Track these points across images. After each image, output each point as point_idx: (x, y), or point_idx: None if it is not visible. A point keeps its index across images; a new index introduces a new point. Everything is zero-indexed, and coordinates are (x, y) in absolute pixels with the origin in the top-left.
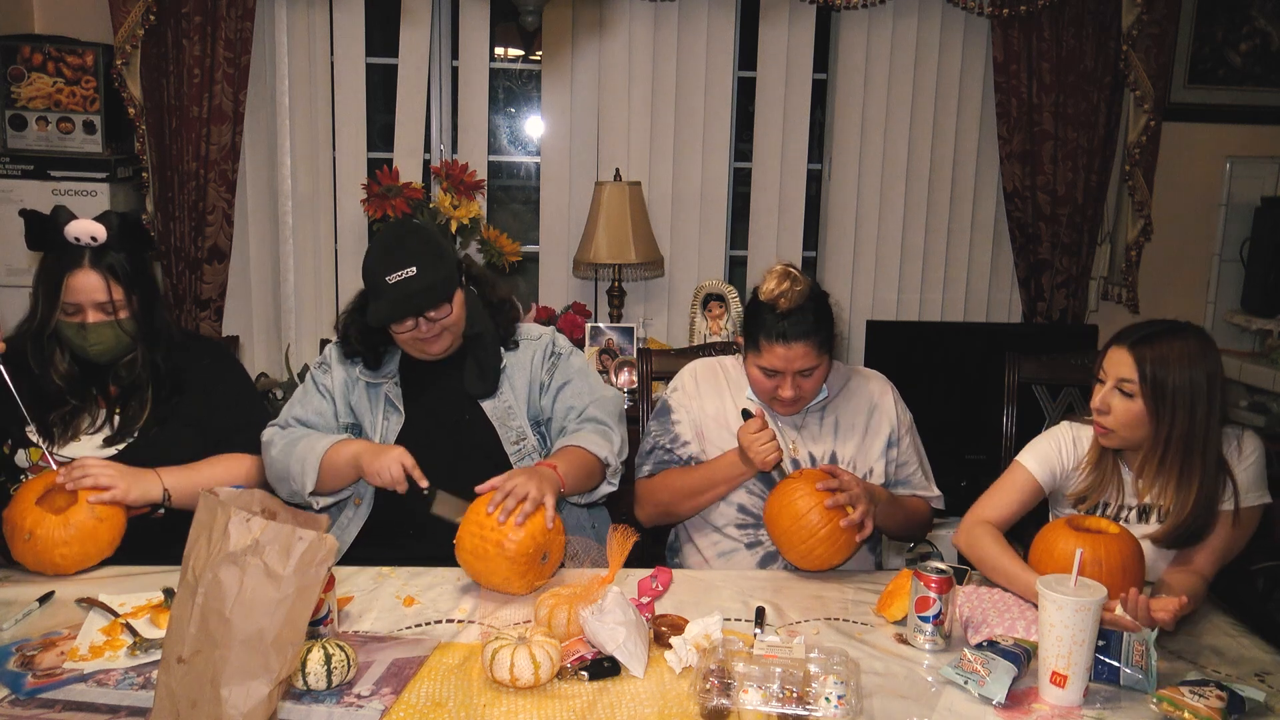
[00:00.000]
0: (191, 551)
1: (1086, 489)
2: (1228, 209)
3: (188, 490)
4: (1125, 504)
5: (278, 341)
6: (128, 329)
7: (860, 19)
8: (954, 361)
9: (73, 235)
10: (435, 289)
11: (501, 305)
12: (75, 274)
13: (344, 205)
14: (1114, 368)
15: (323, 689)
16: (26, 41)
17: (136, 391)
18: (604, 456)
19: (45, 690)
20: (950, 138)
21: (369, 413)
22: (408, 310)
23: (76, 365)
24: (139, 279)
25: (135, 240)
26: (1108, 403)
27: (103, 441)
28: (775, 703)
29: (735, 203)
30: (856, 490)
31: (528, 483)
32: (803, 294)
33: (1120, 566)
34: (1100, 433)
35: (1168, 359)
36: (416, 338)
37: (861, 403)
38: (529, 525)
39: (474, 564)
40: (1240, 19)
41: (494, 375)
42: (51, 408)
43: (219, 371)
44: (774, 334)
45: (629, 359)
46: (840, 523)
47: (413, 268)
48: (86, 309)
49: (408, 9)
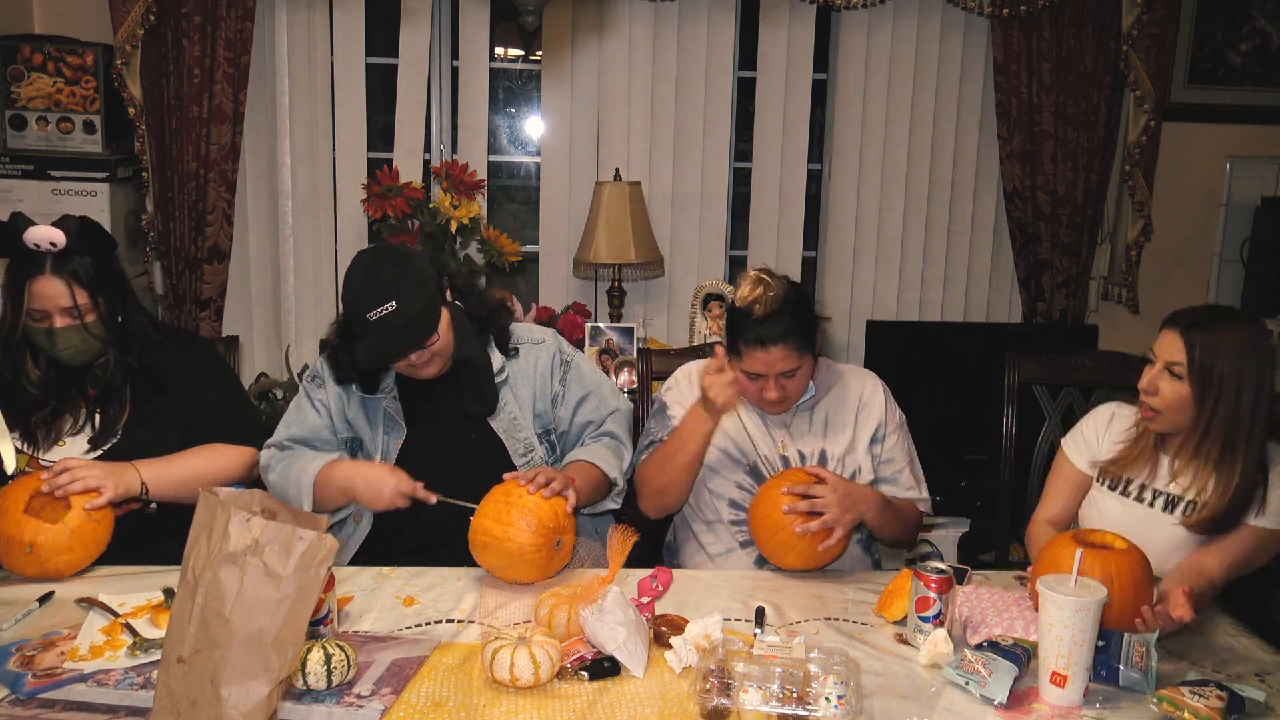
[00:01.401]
0: (191, 551)
1: (1114, 462)
2: (1228, 209)
3: (167, 481)
4: (1155, 488)
5: (278, 341)
6: (95, 333)
7: (860, 19)
8: (954, 361)
9: (31, 242)
10: (420, 322)
11: (492, 316)
12: (38, 280)
13: (344, 205)
14: (1164, 350)
15: (323, 689)
16: (26, 41)
17: (114, 392)
18: (614, 477)
19: (45, 690)
20: (950, 138)
21: (367, 428)
22: (394, 349)
23: (53, 369)
24: (104, 282)
25: (97, 243)
26: (1155, 384)
27: (87, 442)
28: (775, 703)
29: (735, 203)
30: (829, 499)
31: (555, 471)
32: (777, 298)
33: (1131, 582)
34: (1146, 415)
35: (1218, 345)
36: (409, 364)
37: (851, 401)
38: (554, 501)
39: (494, 530)
40: (1240, 19)
41: (491, 394)
42: (31, 411)
43: (199, 366)
44: (752, 339)
45: (629, 359)
46: (795, 528)
47: (392, 302)
48: (53, 314)
49: (408, 9)
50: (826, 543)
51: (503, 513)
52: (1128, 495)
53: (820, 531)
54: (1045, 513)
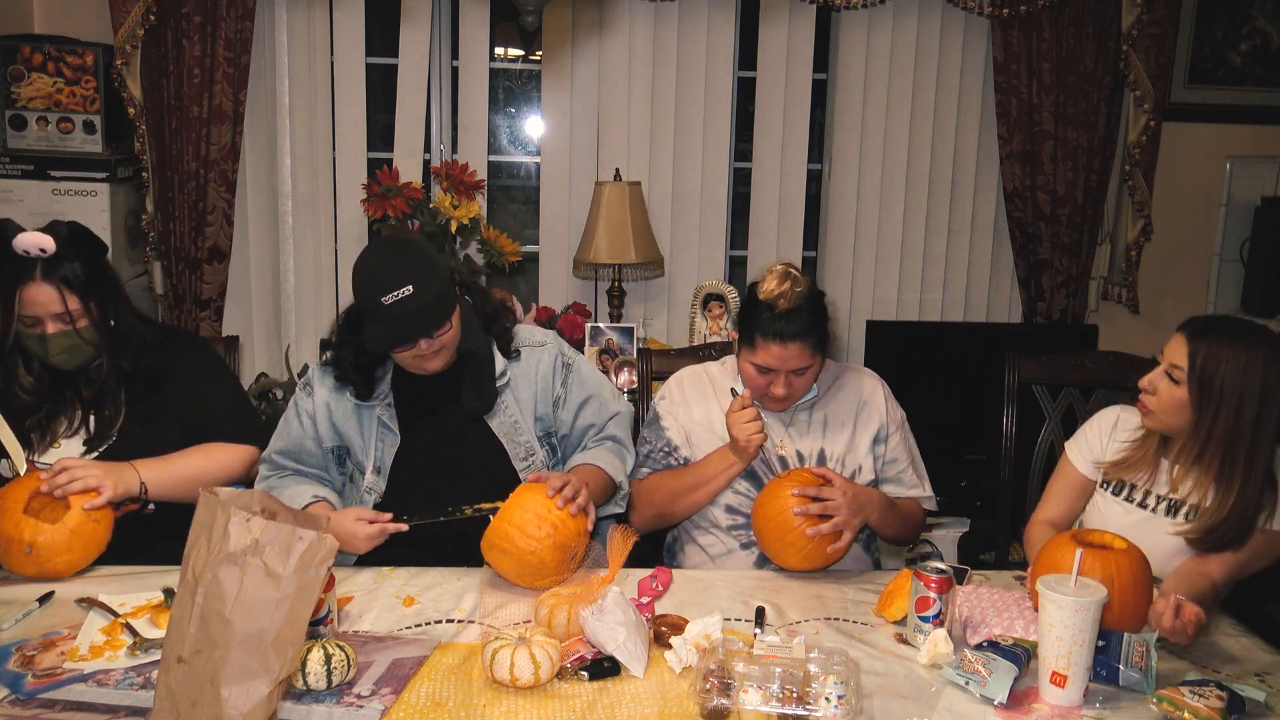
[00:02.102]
0: (191, 551)
1: (1117, 465)
2: (1228, 209)
3: (166, 481)
4: (1156, 493)
5: (278, 341)
6: (87, 337)
7: (860, 19)
8: (954, 361)
9: (21, 248)
10: (434, 309)
11: (495, 315)
12: (28, 287)
13: (344, 205)
14: (1170, 352)
15: (323, 689)
16: (26, 41)
17: (109, 395)
18: (620, 481)
19: (45, 690)
20: (950, 138)
21: (358, 436)
22: (407, 334)
23: (47, 372)
24: (96, 286)
25: (87, 248)
26: (1155, 384)
27: (83, 444)
28: (775, 703)
29: (735, 203)
30: (839, 501)
31: (580, 481)
32: (801, 294)
33: (1132, 583)
34: (1142, 409)
35: (1221, 356)
36: (416, 355)
37: (851, 400)
38: (580, 518)
39: (516, 539)
40: (1240, 19)
41: (491, 392)
42: (26, 416)
43: (196, 365)
44: (770, 333)
45: (629, 359)
46: (807, 530)
47: (408, 286)
48: (44, 320)
49: (408, 9)
50: (835, 545)
51: (530, 524)
52: (1131, 501)
53: (830, 533)
54: (1045, 514)
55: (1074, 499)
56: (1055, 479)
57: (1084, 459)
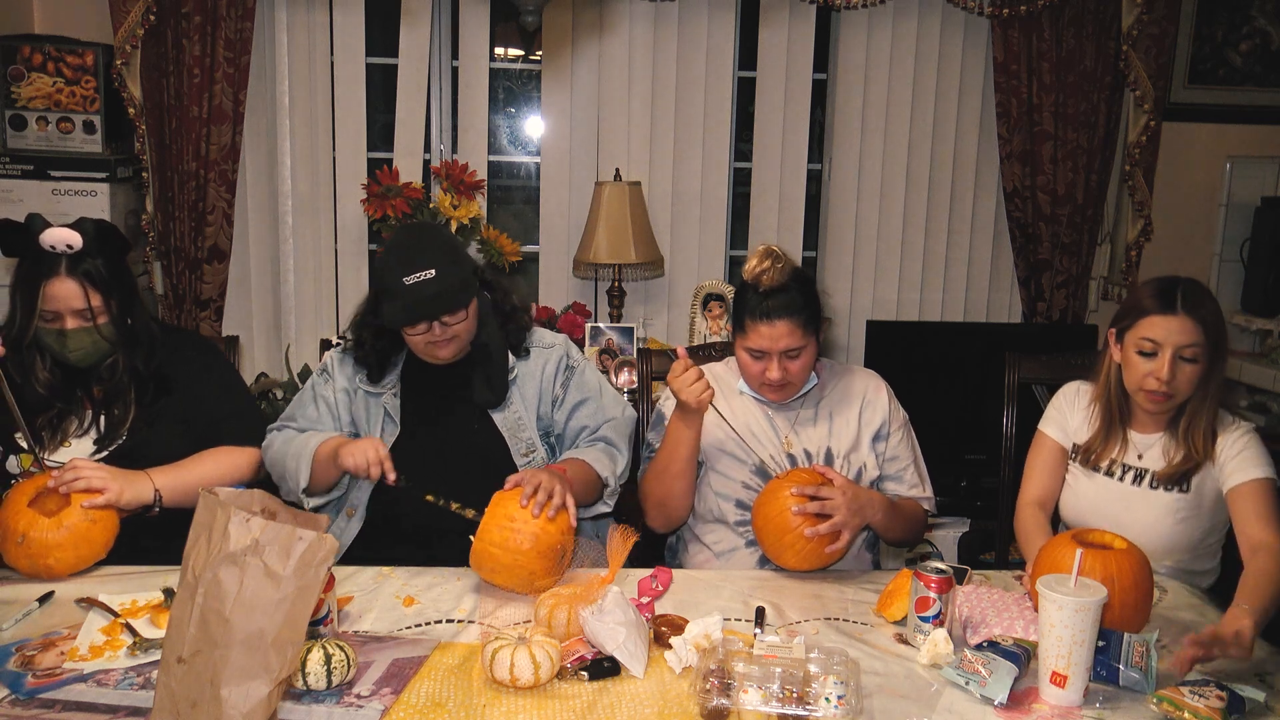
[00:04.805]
0: (191, 551)
1: (1086, 450)
2: (1228, 209)
3: (180, 489)
4: (1125, 463)
5: (278, 341)
6: (106, 334)
7: (860, 19)
8: (954, 361)
9: (48, 243)
10: (453, 293)
11: (514, 313)
12: (52, 282)
13: (344, 205)
14: (1171, 337)
15: (323, 689)
16: (26, 41)
17: (120, 394)
18: (605, 476)
19: (45, 690)
20: (950, 138)
21: (365, 423)
22: (424, 313)
23: (59, 370)
24: (116, 284)
25: (110, 245)
26: (1171, 374)
27: (92, 444)
28: (775, 703)
29: (735, 203)
30: (838, 500)
31: (552, 480)
32: (784, 271)
33: (1132, 583)
34: (1158, 403)
35: (1216, 314)
36: (429, 340)
37: (855, 398)
38: (559, 519)
39: (500, 557)
40: (1240, 19)
41: (503, 386)
42: (38, 413)
43: (203, 366)
44: (757, 313)
45: (629, 359)
46: (805, 531)
47: (431, 269)
48: (65, 316)
49: (408, 9)
50: (834, 545)
51: (510, 540)
52: (1103, 471)
53: (829, 534)
54: (1030, 494)
55: (1055, 472)
56: (1032, 458)
57: (1058, 429)
